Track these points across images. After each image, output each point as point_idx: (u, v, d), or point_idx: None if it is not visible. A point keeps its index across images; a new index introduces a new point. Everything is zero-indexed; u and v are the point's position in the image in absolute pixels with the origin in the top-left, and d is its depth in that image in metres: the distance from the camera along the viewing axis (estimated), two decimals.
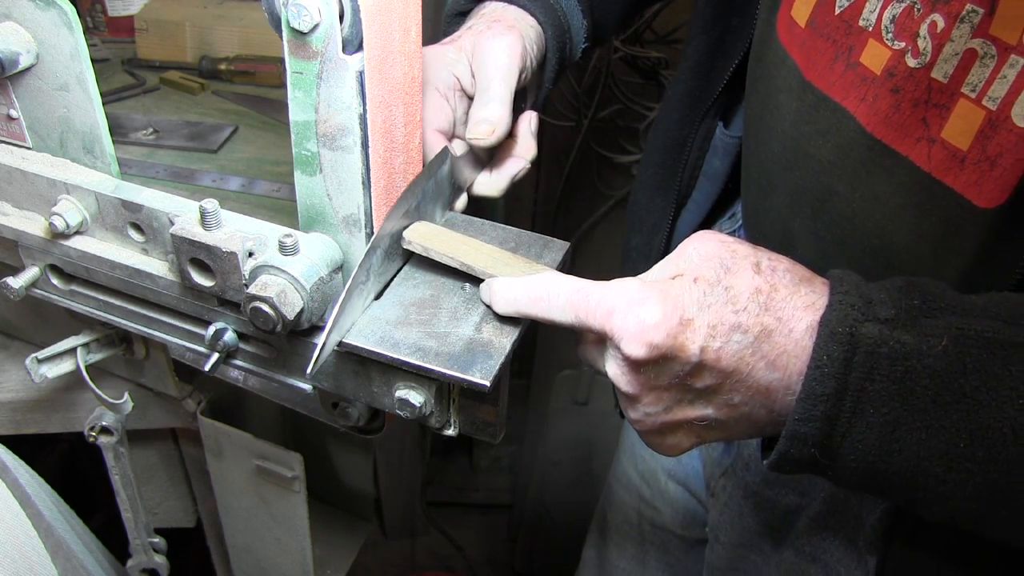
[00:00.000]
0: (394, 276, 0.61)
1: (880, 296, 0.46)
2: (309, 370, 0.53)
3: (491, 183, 0.71)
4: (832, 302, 0.46)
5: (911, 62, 0.53)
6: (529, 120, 0.72)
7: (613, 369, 0.51)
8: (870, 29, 0.56)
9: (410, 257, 0.62)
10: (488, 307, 0.57)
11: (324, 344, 0.53)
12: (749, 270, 0.48)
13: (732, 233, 0.89)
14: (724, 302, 0.47)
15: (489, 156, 0.72)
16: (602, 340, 0.52)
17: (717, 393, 0.49)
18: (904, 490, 0.47)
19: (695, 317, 0.47)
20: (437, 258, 0.59)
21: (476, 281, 0.59)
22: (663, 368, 0.49)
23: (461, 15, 0.75)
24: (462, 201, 0.69)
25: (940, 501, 0.46)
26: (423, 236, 0.60)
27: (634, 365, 0.49)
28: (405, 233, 0.60)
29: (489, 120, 0.65)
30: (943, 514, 0.48)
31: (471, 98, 0.69)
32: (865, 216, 0.60)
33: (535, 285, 0.53)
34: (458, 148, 0.68)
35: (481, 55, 0.67)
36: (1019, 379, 0.43)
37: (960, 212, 0.53)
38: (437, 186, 0.63)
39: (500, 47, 0.67)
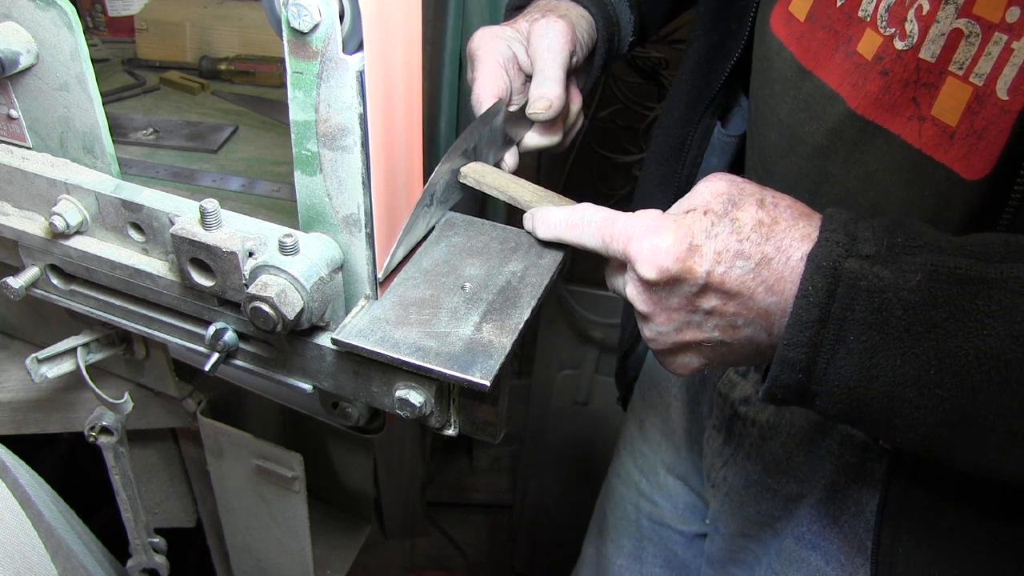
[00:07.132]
0: (454, 205, 0.69)
1: (865, 234, 0.50)
2: (380, 275, 0.59)
3: (550, 136, 0.79)
4: (820, 238, 0.50)
5: (898, 44, 0.56)
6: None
7: (630, 290, 0.57)
8: (867, 19, 0.59)
9: (463, 194, 0.70)
10: (531, 233, 0.65)
11: (393, 254, 0.60)
12: (754, 205, 0.53)
13: None
14: (730, 232, 0.53)
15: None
16: (624, 265, 0.57)
17: (722, 316, 0.54)
18: (882, 416, 0.51)
19: (703, 244, 0.53)
20: (488, 191, 0.68)
21: (474, 283, 0.61)
22: (673, 289, 0.54)
23: (519, 8, 0.83)
24: (513, 155, 0.76)
25: (914, 427, 0.50)
26: (478, 173, 0.68)
27: (647, 286, 0.55)
28: (462, 169, 0.68)
29: (547, 97, 0.74)
30: (917, 441, 0.51)
31: (525, 74, 0.77)
32: (860, 195, 0.63)
33: (572, 213, 0.61)
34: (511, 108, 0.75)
35: (536, 39, 0.75)
36: (984, 312, 0.46)
37: (950, 185, 0.57)
38: (492, 133, 0.71)
39: (553, 32, 0.75)
